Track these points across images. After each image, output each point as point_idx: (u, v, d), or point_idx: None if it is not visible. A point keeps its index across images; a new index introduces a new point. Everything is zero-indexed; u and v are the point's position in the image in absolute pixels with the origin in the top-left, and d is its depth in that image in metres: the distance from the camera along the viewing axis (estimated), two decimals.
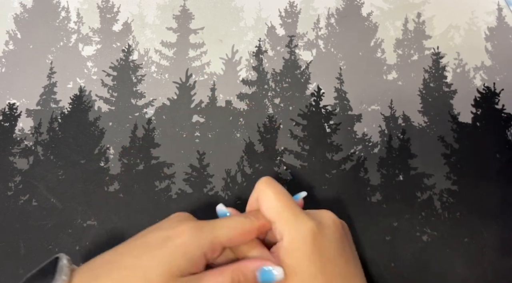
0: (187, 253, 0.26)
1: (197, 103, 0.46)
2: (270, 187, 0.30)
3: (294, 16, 0.50)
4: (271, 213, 0.29)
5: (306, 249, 0.27)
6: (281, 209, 0.29)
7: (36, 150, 0.43)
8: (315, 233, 0.28)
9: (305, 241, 0.27)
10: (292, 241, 0.28)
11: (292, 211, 0.29)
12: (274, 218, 0.29)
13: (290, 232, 0.28)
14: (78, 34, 0.49)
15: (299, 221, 0.28)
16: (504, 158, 0.43)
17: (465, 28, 0.50)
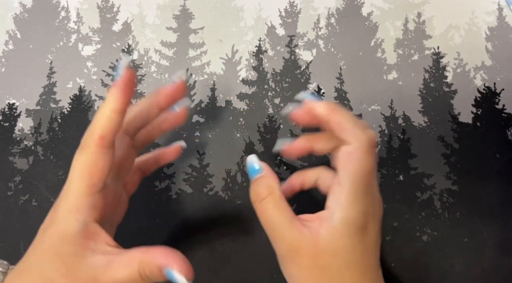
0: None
1: (197, 103, 0.46)
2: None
3: (294, 16, 0.50)
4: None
5: (352, 236, 0.27)
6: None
7: (36, 149, 0.43)
8: (367, 220, 0.28)
9: (355, 227, 0.27)
10: (344, 224, 0.27)
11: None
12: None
13: (344, 210, 0.27)
14: (78, 34, 0.49)
15: (356, 201, 0.27)
16: (504, 158, 0.43)
17: (465, 28, 0.50)
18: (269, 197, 0.29)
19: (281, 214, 0.28)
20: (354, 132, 0.28)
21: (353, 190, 0.27)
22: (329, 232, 0.27)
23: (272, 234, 0.29)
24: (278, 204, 0.28)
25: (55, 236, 0.25)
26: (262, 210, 0.29)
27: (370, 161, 0.28)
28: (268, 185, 0.29)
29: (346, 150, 0.28)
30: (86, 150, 0.27)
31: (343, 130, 0.28)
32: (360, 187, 0.27)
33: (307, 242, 0.27)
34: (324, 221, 0.27)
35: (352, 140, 0.28)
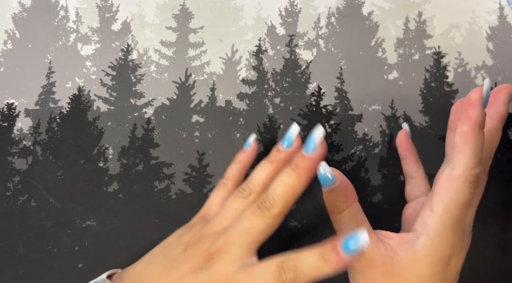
0: None
1: (196, 103, 0.45)
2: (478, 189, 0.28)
3: (294, 15, 0.50)
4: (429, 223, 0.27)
5: (435, 267, 0.26)
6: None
7: (35, 150, 0.43)
8: (453, 252, 0.27)
9: (439, 258, 0.26)
10: (427, 253, 0.26)
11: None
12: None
13: (429, 241, 0.26)
14: (77, 33, 0.49)
15: (443, 233, 0.27)
16: (505, 158, 0.43)
17: (466, 27, 0.49)
18: (347, 210, 0.29)
19: (359, 226, 0.28)
20: (466, 160, 0.26)
21: (445, 219, 0.26)
22: (409, 256, 0.26)
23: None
24: (355, 216, 0.29)
25: None
26: (339, 222, 0.29)
27: (469, 194, 0.26)
28: (346, 197, 0.29)
29: (449, 174, 0.27)
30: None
31: (459, 152, 0.27)
32: (452, 219, 0.26)
33: (381, 258, 0.27)
34: (406, 242, 0.27)
35: (460, 166, 0.26)
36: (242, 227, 0.27)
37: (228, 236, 0.27)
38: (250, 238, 0.27)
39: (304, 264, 0.26)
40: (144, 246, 0.29)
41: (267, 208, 0.27)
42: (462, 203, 0.26)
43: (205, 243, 0.27)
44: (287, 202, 0.27)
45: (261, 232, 0.27)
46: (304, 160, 0.27)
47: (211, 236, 0.28)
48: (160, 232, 0.40)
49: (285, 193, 0.27)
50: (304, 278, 0.26)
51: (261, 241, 0.27)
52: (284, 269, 0.25)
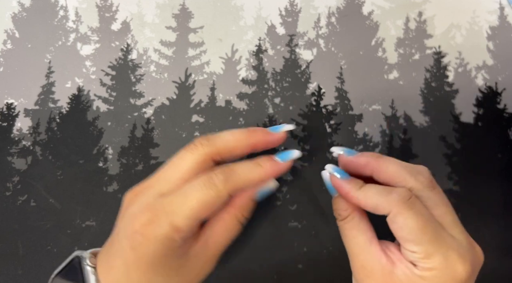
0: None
1: (196, 103, 0.45)
2: (414, 210, 0.26)
3: (294, 15, 0.50)
4: (410, 235, 0.26)
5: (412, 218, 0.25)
6: (426, 238, 0.25)
7: (34, 150, 0.43)
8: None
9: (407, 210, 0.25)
10: (430, 280, 0.25)
11: (441, 244, 0.25)
12: (414, 241, 0.25)
13: (433, 269, 0.25)
14: (76, 33, 0.49)
15: (450, 263, 0.25)
16: (506, 158, 0.43)
17: (466, 27, 0.49)
18: (349, 218, 0.29)
19: (361, 235, 0.28)
20: (388, 200, 0.26)
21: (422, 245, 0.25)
22: (408, 275, 0.26)
23: (349, 252, 0.29)
24: (357, 225, 0.29)
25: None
26: (342, 228, 0.30)
27: (408, 217, 0.25)
28: (347, 205, 0.29)
29: (389, 219, 0.27)
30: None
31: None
32: (426, 240, 0.25)
33: (381, 269, 0.27)
34: (407, 261, 0.26)
35: (387, 207, 0.26)
36: (171, 163, 0.28)
37: (156, 174, 0.29)
38: (174, 173, 0.28)
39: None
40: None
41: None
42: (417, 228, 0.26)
43: (136, 186, 0.29)
44: (238, 185, 0.28)
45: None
46: (273, 163, 0.29)
47: (146, 179, 0.29)
48: None
49: (243, 179, 0.28)
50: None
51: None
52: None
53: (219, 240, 0.29)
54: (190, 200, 0.26)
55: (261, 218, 0.41)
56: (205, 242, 0.28)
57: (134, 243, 0.25)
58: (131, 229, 0.26)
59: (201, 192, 0.26)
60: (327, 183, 0.31)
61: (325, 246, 0.39)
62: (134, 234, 0.26)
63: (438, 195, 0.28)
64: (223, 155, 0.29)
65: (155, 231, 0.25)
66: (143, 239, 0.25)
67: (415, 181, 0.28)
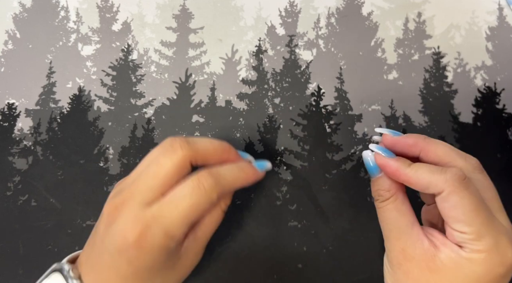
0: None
1: (196, 103, 0.45)
2: (469, 190, 0.25)
3: (294, 15, 0.50)
4: (464, 216, 0.25)
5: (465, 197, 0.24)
6: (479, 220, 0.24)
7: (35, 150, 0.43)
8: (509, 269, 0.24)
9: (491, 272, 0.24)
10: (477, 263, 0.24)
11: (493, 228, 0.24)
12: (466, 222, 0.25)
13: (481, 252, 0.24)
14: (77, 33, 0.49)
15: (500, 246, 0.24)
16: (505, 158, 0.43)
17: (465, 27, 0.49)
18: (392, 198, 0.28)
19: (402, 217, 0.27)
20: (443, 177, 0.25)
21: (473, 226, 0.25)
22: (454, 258, 0.25)
23: (387, 236, 0.28)
24: (400, 206, 0.28)
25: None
26: (382, 210, 0.28)
27: (463, 196, 0.25)
28: (389, 186, 0.28)
29: (440, 197, 0.26)
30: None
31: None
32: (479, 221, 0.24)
33: (423, 252, 0.26)
34: (453, 245, 0.25)
35: (441, 185, 0.25)
36: (149, 170, 0.27)
37: (135, 183, 0.27)
38: (156, 181, 0.26)
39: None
40: None
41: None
42: (470, 207, 0.25)
43: (114, 197, 0.28)
44: (225, 189, 0.28)
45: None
46: (254, 170, 0.30)
47: (121, 187, 0.28)
48: None
49: (230, 183, 0.28)
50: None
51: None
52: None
53: (206, 231, 0.30)
54: (182, 206, 0.25)
55: (261, 218, 0.41)
56: (194, 235, 0.29)
57: (130, 258, 0.25)
58: (125, 244, 0.25)
59: (192, 197, 0.26)
60: (369, 162, 0.29)
61: (325, 245, 0.40)
62: (129, 248, 0.25)
63: (487, 179, 0.28)
64: (198, 161, 0.28)
65: (150, 243, 0.25)
66: (139, 253, 0.25)
67: (465, 162, 0.27)
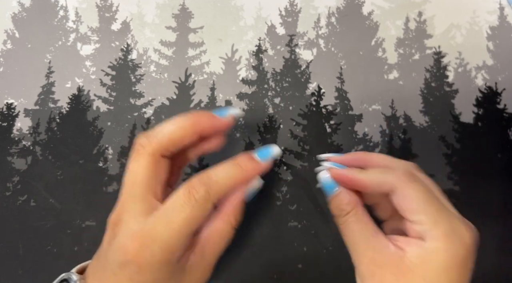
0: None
1: (196, 103, 0.45)
2: (418, 181, 0.27)
3: (294, 15, 0.50)
4: (418, 205, 0.26)
5: (452, 270, 0.25)
6: (432, 208, 0.26)
7: (34, 150, 0.43)
8: (469, 248, 0.25)
9: (455, 255, 0.25)
10: (440, 250, 0.25)
11: (446, 213, 0.26)
12: (421, 211, 0.26)
13: (441, 238, 0.25)
14: (76, 33, 0.49)
15: (456, 229, 0.25)
16: (505, 158, 0.43)
17: (466, 27, 0.49)
18: (352, 212, 0.29)
19: (366, 227, 0.28)
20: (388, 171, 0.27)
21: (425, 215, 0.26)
22: (420, 254, 0.26)
23: (353, 249, 0.28)
24: (361, 218, 0.28)
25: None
26: (346, 224, 0.29)
27: (415, 188, 0.26)
28: (349, 200, 0.29)
29: (394, 194, 0.27)
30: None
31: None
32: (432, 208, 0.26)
33: (391, 257, 0.26)
34: (415, 241, 0.26)
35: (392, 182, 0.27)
36: (126, 180, 0.26)
37: (121, 197, 0.27)
38: (137, 188, 0.26)
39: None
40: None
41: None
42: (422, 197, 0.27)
43: (113, 211, 0.27)
44: (220, 194, 0.27)
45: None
46: (253, 163, 0.28)
47: (117, 201, 0.28)
48: None
49: (226, 185, 0.27)
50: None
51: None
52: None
53: (215, 248, 0.28)
54: (175, 222, 0.25)
55: (261, 218, 0.41)
56: (202, 252, 0.28)
57: (131, 274, 0.25)
58: (124, 260, 0.25)
59: (184, 212, 0.25)
60: (326, 179, 0.30)
61: (325, 245, 0.39)
62: (128, 264, 0.25)
63: (428, 177, 0.29)
64: (171, 149, 0.27)
65: (148, 259, 0.24)
66: (138, 269, 0.25)
67: (404, 165, 0.29)
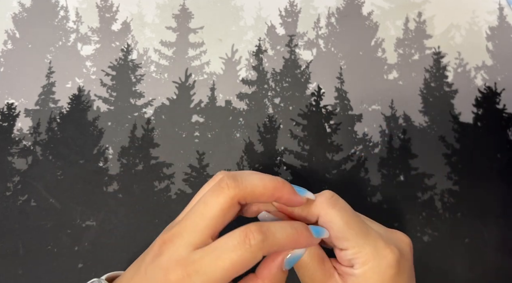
0: None
1: (196, 103, 0.45)
2: (337, 207, 0.28)
3: (294, 15, 0.50)
4: (339, 232, 0.27)
5: (331, 211, 0.27)
6: (353, 232, 0.27)
7: (34, 150, 0.43)
8: (396, 267, 0.26)
9: (383, 277, 0.26)
10: (369, 274, 0.26)
11: (368, 236, 0.27)
12: (344, 237, 0.27)
13: (367, 262, 0.26)
14: (77, 33, 0.49)
15: (379, 251, 0.26)
16: (505, 158, 0.43)
17: (466, 27, 0.49)
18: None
19: (312, 258, 0.28)
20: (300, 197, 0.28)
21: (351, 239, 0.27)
22: (355, 280, 0.27)
23: (302, 277, 0.29)
24: (308, 249, 0.29)
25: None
26: (304, 270, 0.29)
27: (335, 213, 0.27)
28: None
29: (320, 222, 0.28)
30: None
31: (290, 202, 0.28)
32: (353, 233, 0.27)
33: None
34: (347, 271, 0.27)
35: (316, 210, 0.28)
36: (196, 209, 0.27)
37: (183, 221, 0.27)
38: (203, 221, 0.26)
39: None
40: (144, 246, 0.29)
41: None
42: (343, 223, 0.27)
43: (165, 232, 0.28)
44: (273, 248, 0.26)
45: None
46: (309, 234, 0.28)
47: (172, 225, 0.28)
48: (160, 232, 0.40)
49: (279, 243, 0.26)
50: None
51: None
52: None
53: None
54: (223, 260, 0.25)
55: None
56: None
57: None
58: (163, 282, 0.25)
59: (236, 252, 0.25)
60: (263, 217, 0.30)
61: None
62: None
63: (346, 204, 0.30)
64: (247, 200, 0.28)
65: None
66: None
67: (324, 192, 0.29)
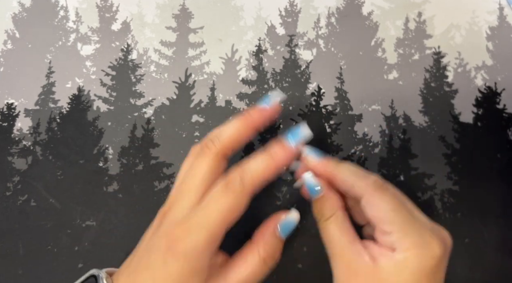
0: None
1: (196, 103, 0.45)
2: (388, 192, 0.28)
3: (294, 15, 0.50)
4: (385, 216, 0.27)
5: (422, 281, 0.26)
6: (400, 216, 0.27)
7: (34, 150, 0.43)
8: (438, 260, 0.26)
9: (424, 266, 0.26)
10: (409, 261, 0.26)
11: (415, 224, 0.27)
12: (390, 221, 0.27)
13: (411, 248, 0.26)
14: (76, 33, 0.49)
15: (426, 240, 0.26)
16: (505, 158, 0.43)
17: (466, 27, 0.49)
18: (333, 217, 0.29)
19: (343, 235, 0.28)
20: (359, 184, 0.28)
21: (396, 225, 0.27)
22: (391, 265, 0.26)
23: (332, 253, 0.29)
24: (341, 224, 0.29)
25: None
26: (325, 229, 0.30)
27: (383, 198, 0.27)
28: (331, 205, 0.30)
29: (364, 201, 0.28)
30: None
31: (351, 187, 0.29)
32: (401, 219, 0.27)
33: (365, 267, 0.27)
34: (386, 251, 0.27)
35: (363, 188, 0.28)
36: (187, 176, 0.29)
37: (177, 189, 0.29)
38: (195, 181, 0.28)
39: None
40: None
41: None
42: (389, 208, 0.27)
43: (163, 206, 0.29)
44: (255, 184, 0.28)
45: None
46: (284, 150, 0.29)
47: (169, 195, 0.30)
48: None
49: (258, 176, 0.28)
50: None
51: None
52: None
53: (238, 276, 0.28)
54: (212, 211, 0.26)
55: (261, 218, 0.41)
56: (225, 276, 0.28)
57: (166, 258, 0.26)
58: (165, 245, 0.26)
59: (221, 201, 0.26)
60: (309, 181, 0.31)
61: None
62: (167, 250, 0.26)
63: (397, 190, 0.30)
64: (232, 149, 0.29)
65: (185, 247, 0.25)
66: (174, 254, 0.26)
67: (373, 176, 0.29)
